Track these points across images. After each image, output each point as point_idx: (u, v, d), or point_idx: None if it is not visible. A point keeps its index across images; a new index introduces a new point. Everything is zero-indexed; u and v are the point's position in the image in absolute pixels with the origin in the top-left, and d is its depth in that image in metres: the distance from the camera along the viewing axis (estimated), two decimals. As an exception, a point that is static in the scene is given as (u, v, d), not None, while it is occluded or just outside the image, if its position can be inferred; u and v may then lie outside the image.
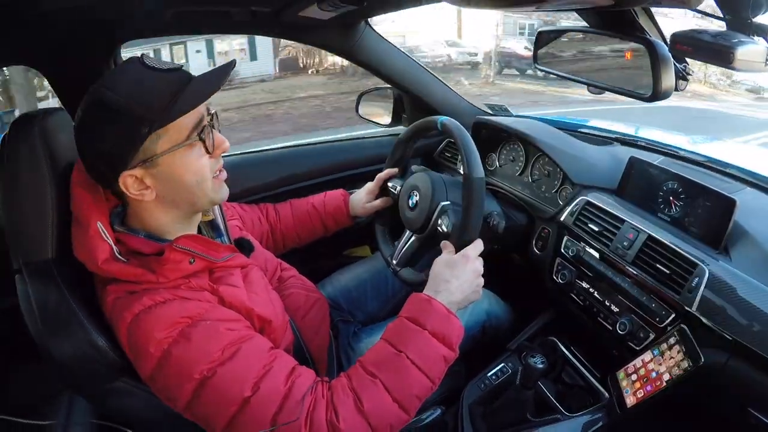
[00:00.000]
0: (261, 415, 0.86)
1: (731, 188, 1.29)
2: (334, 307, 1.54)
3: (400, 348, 0.96)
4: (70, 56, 1.42)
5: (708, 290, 1.03)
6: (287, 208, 1.59)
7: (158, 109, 0.86)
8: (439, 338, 0.98)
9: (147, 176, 0.91)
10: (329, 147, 2.07)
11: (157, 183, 0.93)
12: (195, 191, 0.97)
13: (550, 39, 1.36)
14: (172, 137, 0.90)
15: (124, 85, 0.87)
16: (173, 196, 0.96)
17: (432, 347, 0.97)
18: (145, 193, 0.93)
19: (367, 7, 1.31)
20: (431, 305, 1.01)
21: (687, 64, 1.11)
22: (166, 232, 1.00)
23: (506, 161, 1.73)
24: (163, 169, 0.92)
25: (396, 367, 0.94)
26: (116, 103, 0.85)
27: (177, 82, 0.89)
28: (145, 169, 0.90)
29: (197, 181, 0.96)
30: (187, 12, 1.46)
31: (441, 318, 1.00)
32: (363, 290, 1.61)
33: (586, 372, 1.33)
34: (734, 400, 1.01)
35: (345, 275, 1.66)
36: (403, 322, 1.01)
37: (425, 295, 1.04)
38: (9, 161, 0.97)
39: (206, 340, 0.88)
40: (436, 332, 0.98)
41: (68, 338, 0.93)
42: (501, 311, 1.51)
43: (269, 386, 0.87)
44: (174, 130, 0.90)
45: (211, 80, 0.94)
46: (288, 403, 0.87)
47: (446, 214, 1.28)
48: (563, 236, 1.41)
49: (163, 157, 0.90)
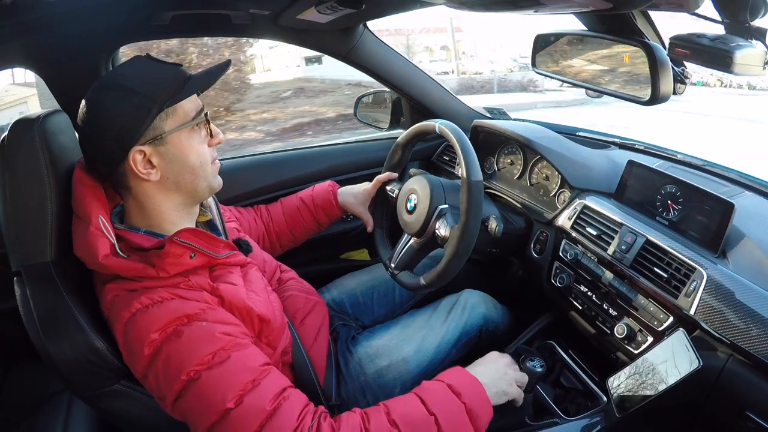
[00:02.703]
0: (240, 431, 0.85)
1: (730, 192, 1.30)
2: (337, 311, 1.54)
3: (433, 410, 0.96)
4: (70, 59, 1.42)
5: (706, 294, 1.03)
6: (277, 206, 1.61)
7: (168, 89, 0.96)
8: (473, 417, 0.99)
9: (154, 154, 0.96)
10: (327, 150, 2.07)
11: (163, 162, 0.97)
12: (198, 173, 1.03)
13: (548, 42, 1.36)
14: (179, 118, 0.98)
15: (136, 72, 0.96)
16: (176, 178, 1.00)
17: (463, 421, 0.98)
18: (151, 173, 0.97)
19: (365, 10, 1.31)
20: (476, 383, 1.04)
21: (685, 68, 1.11)
22: (165, 222, 1.02)
23: (504, 165, 1.73)
24: (170, 148, 0.98)
25: (422, 427, 0.94)
26: (129, 83, 0.94)
27: (182, 72, 0.99)
28: (153, 147, 0.96)
29: (200, 162, 1.02)
30: (187, 15, 1.47)
31: (479, 396, 1.03)
32: (369, 296, 1.61)
33: (584, 376, 1.33)
34: (732, 403, 1.01)
35: (351, 280, 1.65)
36: (443, 387, 1.02)
37: (472, 374, 1.06)
38: (8, 163, 0.98)
39: (198, 340, 0.88)
40: (470, 408, 0.99)
41: (67, 341, 0.93)
42: (498, 315, 1.50)
43: (253, 402, 0.86)
44: (181, 112, 0.98)
45: (211, 73, 1.03)
46: (270, 424, 0.86)
47: (444, 218, 1.28)
48: (561, 240, 1.41)
49: (170, 136, 0.97)
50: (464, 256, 1.22)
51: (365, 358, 1.33)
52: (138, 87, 0.93)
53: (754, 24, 0.84)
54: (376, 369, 1.31)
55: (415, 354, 1.34)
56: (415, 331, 1.39)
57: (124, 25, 1.47)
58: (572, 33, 1.29)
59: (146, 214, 1.01)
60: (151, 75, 0.96)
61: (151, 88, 0.94)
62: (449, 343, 1.38)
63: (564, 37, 1.34)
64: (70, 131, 1.09)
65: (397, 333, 1.39)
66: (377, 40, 1.84)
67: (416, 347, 1.35)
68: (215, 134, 1.06)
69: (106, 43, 1.48)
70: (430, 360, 1.34)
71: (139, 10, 1.40)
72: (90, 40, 1.43)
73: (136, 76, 0.95)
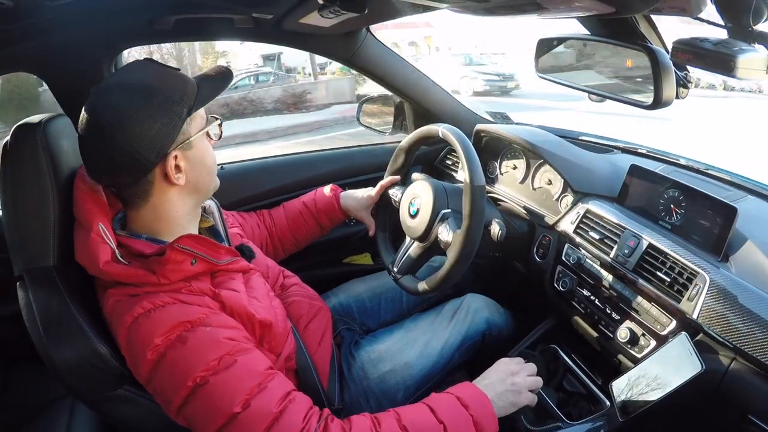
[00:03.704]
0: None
1: (732, 196, 1.29)
2: (342, 315, 1.54)
3: (441, 419, 0.97)
4: (72, 63, 1.43)
5: (709, 298, 1.03)
6: (280, 210, 1.60)
7: (191, 93, 0.96)
8: (478, 429, 1.00)
9: (183, 159, 0.97)
10: (330, 155, 2.07)
11: (189, 166, 0.98)
12: (212, 172, 1.06)
13: (551, 47, 1.36)
14: (198, 121, 1.00)
15: (153, 76, 0.94)
16: (197, 180, 1.01)
17: None
18: (180, 177, 0.97)
19: (368, 14, 1.31)
20: (483, 397, 1.05)
21: (688, 72, 1.11)
22: (177, 226, 1.02)
23: (507, 169, 1.73)
24: (195, 152, 0.99)
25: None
26: (157, 89, 0.92)
27: (190, 77, 1.00)
28: (182, 152, 0.96)
29: (213, 162, 1.06)
30: (189, 19, 1.47)
31: (486, 410, 1.04)
32: (377, 302, 1.60)
33: (587, 380, 1.33)
34: (735, 407, 1.01)
35: (360, 285, 1.65)
36: (452, 398, 1.03)
37: (480, 389, 1.08)
38: (11, 168, 0.98)
39: (204, 346, 0.88)
40: (477, 421, 1.00)
41: (70, 345, 0.93)
42: (502, 319, 1.50)
43: (260, 405, 0.87)
44: (199, 116, 1.00)
45: (217, 79, 1.05)
46: (277, 426, 0.86)
47: (447, 222, 1.28)
48: (564, 244, 1.41)
49: (194, 140, 0.98)
50: (467, 260, 1.22)
51: (368, 363, 1.33)
52: (166, 91, 0.92)
53: (756, 28, 0.84)
54: (379, 373, 1.31)
55: (418, 358, 1.33)
56: (419, 335, 1.39)
57: (127, 29, 1.48)
58: (575, 37, 1.30)
59: (159, 220, 1.00)
60: (169, 79, 0.95)
61: (180, 94, 0.94)
62: (452, 347, 1.38)
63: (566, 41, 1.34)
64: (72, 135, 1.10)
65: (400, 337, 1.39)
66: (380, 44, 1.84)
67: (419, 352, 1.35)
68: (215, 134, 1.07)
69: (108, 46, 1.48)
70: (433, 364, 1.34)
71: (142, 14, 1.41)
72: (93, 43, 1.44)
73: (157, 79, 0.93)
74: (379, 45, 1.84)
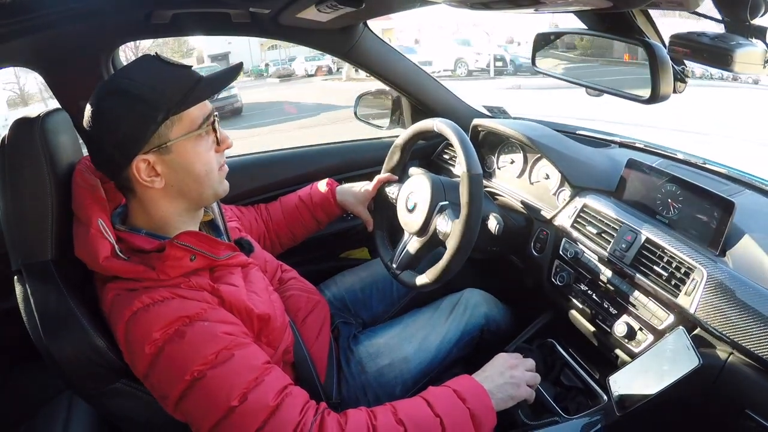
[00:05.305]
0: (245, 427, 0.86)
1: (730, 190, 1.29)
2: (338, 307, 1.55)
3: (438, 413, 0.97)
4: (69, 58, 1.42)
5: (706, 292, 1.03)
6: (277, 205, 1.61)
7: (175, 96, 0.92)
8: (476, 423, 1.00)
9: (159, 163, 0.94)
10: (327, 149, 2.07)
11: (167, 170, 0.96)
12: (203, 181, 1.00)
13: (548, 41, 1.36)
14: (185, 125, 0.95)
15: (143, 75, 0.93)
16: (181, 186, 0.98)
17: (467, 426, 0.99)
18: (155, 180, 0.95)
19: (365, 9, 1.31)
20: (481, 390, 1.05)
21: (685, 67, 1.11)
22: (168, 225, 1.01)
23: (504, 163, 1.73)
24: (175, 156, 0.95)
25: (428, 429, 0.95)
26: (135, 90, 0.90)
27: (191, 76, 0.96)
28: (158, 155, 0.94)
29: (206, 171, 1.00)
30: (187, 13, 1.47)
31: (484, 403, 1.03)
32: (369, 292, 1.61)
33: (584, 374, 1.33)
34: (732, 402, 1.01)
35: (350, 277, 1.66)
36: (449, 392, 1.02)
37: (478, 381, 1.07)
38: (9, 162, 0.98)
39: (202, 340, 0.88)
40: (475, 414, 1.00)
41: (68, 339, 0.93)
42: (500, 314, 1.51)
43: (257, 399, 0.87)
44: (188, 120, 0.96)
45: (220, 78, 1.02)
46: (274, 419, 0.87)
47: (445, 213, 1.28)
48: (561, 238, 1.41)
49: (176, 144, 0.95)
50: (467, 250, 1.22)
51: (366, 357, 1.34)
52: (144, 92, 0.90)
53: (754, 22, 0.84)
54: (377, 368, 1.32)
55: (416, 353, 1.34)
56: (417, 330, 1.40)
57: (125, 24, 1.47)
58: (572, 32, 1.30)
59: (150, 218, 1.01)
60: (158, 79, 0.93)
61: (157, 96, 0.91)
62: (450, 342, 1.38)
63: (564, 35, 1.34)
64: (70, 130, 1.09)
65: (398, 332, 1.40)
66: (377, 39, 1.84)
67: (417, 346, 1.35)
68: (223, 140, 1.03)
69: (106, 41, 1.48)
70: (431, 359, 1.35)
71: (140, 9, 1.40)
72: (90, 38, 1.43)
73: (143, 81, 0.91)
74: (377, 40, 1.84)
